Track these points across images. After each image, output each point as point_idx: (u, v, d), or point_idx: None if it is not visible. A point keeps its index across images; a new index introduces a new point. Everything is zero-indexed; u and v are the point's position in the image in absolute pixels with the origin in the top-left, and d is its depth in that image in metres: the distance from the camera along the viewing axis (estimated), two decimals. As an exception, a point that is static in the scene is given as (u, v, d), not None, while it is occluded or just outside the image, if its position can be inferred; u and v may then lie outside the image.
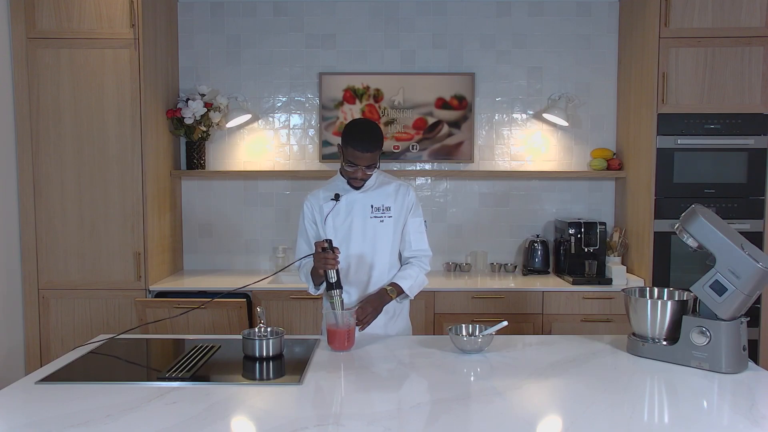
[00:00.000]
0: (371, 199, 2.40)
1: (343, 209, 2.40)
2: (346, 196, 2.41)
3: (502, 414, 1.60)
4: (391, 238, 2.41)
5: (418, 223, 2.45)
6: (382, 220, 2.39)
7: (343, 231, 2.40)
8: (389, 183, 2.44)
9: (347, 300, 2.37)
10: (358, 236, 2.40)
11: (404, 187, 2.44)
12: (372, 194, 2.41)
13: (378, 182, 2.44)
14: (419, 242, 2.44)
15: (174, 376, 1.85)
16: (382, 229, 2.40)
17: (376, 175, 2.44)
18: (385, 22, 3.93)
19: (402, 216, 2.42)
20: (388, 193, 2.42)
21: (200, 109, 3.69)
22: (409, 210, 2.43)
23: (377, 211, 2.39)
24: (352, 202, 2.40)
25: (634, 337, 2.10)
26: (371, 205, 2.40)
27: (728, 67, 3.40)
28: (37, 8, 3.30)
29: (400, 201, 2.41)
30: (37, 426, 1.52)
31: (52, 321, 3.42)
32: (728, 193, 3.46)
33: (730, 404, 1.68)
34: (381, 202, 2.40)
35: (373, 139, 2.28)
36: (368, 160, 2.27)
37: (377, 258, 2.41)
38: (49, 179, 3.38)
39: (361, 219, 2.40)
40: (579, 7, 3.92)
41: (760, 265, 1.87)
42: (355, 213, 2.40)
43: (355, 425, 1.51)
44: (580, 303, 3.43)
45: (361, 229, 2.40)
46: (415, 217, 2.44)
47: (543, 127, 3.97)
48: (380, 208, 2.40)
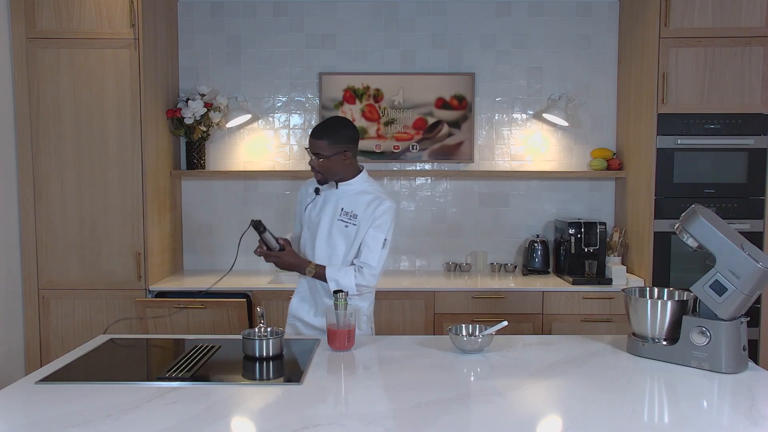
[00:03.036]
0: (344, 203, 2.43)
1: (319, 203, 2.49)
2: (325, 193, 2.48)
3: (502, 414, 1.60)
4: (351, 245, 2.42)
5: (376, 237, 2.38)
6: (347, 225, 2.41)
7: (313, 224, 2.49)
8: (368, 193, 2.43)
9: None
10: (322, 233, 2.45)
11: (378, 200, 2.40)
12: (347, 198, 2.43)
13: (359, 189, 2.44)
14: (367, 255, 2.38)
15: (174, 376, 1.85)
16: (343, 234, 2.42)
17: (362, 179, 2.46)
18: (385, 22, 3.93)
19: (365, 226, 2.40)
20: (362, 202, 2.41)
21: (200, 109, 3.69)
22: (372, 221, 2.39)
23: (345, 216, 2.41)
24: (328, 199, 2.47)
25: (634, 337, 2.10)
26: (342, 208, 2.42)
27: (728, 67, 3.40)
28: (37, 8, 3.30)
29: (369, 212, 2.39)
30: (37, 426, 1.52)
31: (52, 321, 3.42)
32: (728, 193, 3.46)
33: (730, 404, 1.68)
34: (351, 208, 2.41)
35: (322, 127, 2.37)
36: (313, 146, 2.36)
37: (333, 260, 2.43)
38: (49, 179, 3.37)
39: (329, 218, 2.44)
40: (579, 7, 3.92)
41: (760, 265, 1.87)
42: (326, 210, 2.46)
43: (355, 425, 1.51)
44: (580, 303, 3.43)
45: (327, 227, 2.44)
46: (375, 231, 2.38)
47: (543, 127, 3.97)
48: (349, 213, 2.41)
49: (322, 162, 2.36)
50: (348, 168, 2.42)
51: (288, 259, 2.39)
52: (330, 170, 2.39)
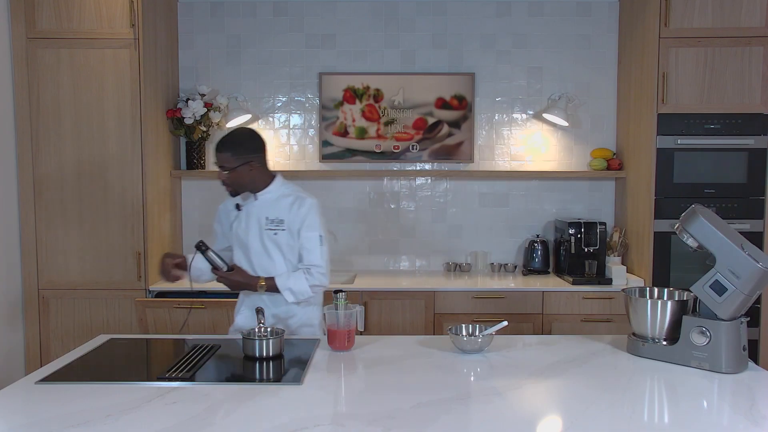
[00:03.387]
0: (267, 212, 2.42)
1: (243, 219, 2.45)
2: (246, 207, 2.45)
3: (502, 414, 1.60)
4: (285, 252, 2.42)
5: (311, 238, 2.40)
6: (276, 233, 2.40)
7: (242, 240, 2.45)
8: (288, 196, 2.44)
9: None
10: (255, 246, 2.43)
11: (300, 200, 2.42)
12: (268, 207, 2.42)
13: (278, 194, 2.44)
14: (310, 256, 2.40)
15: (174, 376, 1.85)
16: (276, 242, 2.41)
17: (279, 184, 2.45)
18: (385, 22, 3.93)
19: (294, 229, 2.40)
20: (285, 205, 2.41)
21: (200, 109, 3.69)
22: (301, 223, 2.39)
23: (271, 224, 2.41)
24: (250, 213, 2.44)
25: (634, 337, 2.10)
26: (266, 217, 2.41)
27: (728, 67, 3.40)
28: (37, 8, 3.30)
29: (293, 214, 2.40)
30: (37, 426, 1.52)
31: (52, 321, 3.42)
32: (728, 193, 3.46)
33: (730, 404, 1.68)
34: (276, 214, 2.41)
35: (225, 140, 2.35)
36: (219, 160, 2.34)
37: (274, 270, 2.42)
38: (49, 179, 3.38)
39: (257, 230, 2.42)
40: (579, 7, 3.92)
41: (760, 265, 1.87)
42: (251, 224, 2.43)
43: (355, 425, 1.51)
44: (580, 303, 3.43)
45: (258, 240, 2.42)
46: (308, 231, 2.39)
47: (543, 127, 3.97)
48: (274, 220, 2.40)
49: (229, 175, 2.34)
50: (258, 177, 2.40)
51: (237, 278, 2.37)
52: (238, 182, 2.37)
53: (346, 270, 3.95)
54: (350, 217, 4.00)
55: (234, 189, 2.40)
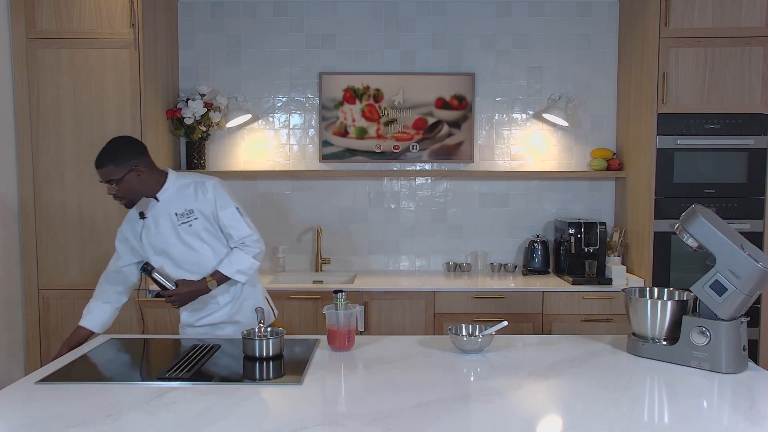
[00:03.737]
0: (173, 207, 2.37)
1: (151, 225, 2.38)
2: (151, 211, 2.38)
3: (502, 414, 1.60)
4: (207, 239, 2.39)
5: (230, 214, 2.39)
6: (190, 224, 2.36)
7: (158, 246, 2.39)
8: (188, 185, 2.39)
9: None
10: (175, 247, 2.38)
11: (201, 184, 2.39)
12: (172, 202, 2.37)
13: (177, 187, 2.39)
14: (238, 230, 2.40)
15: (174, 376, 1.85)
16: (194, 233, 2.37)
17: (174, 179, 2.39)
18: (385, 22, 3.93)
19: (208, 213, 2.38)
20: (188, 195, 2.37)
21: (200, 109, 3.69)
22: (213, 205, 2.38)
23: (182, 217, 2.36)
24: (157, 215, 2.38)
25: (634, 337, 2.10)
26: (175, 213, 2.37)
27: (728, 67, 3.40)
28: (37, 8, 3.31)
29: (201, 199, 2.37)
30: (37, 426, 1.52)
31: (52, 321, 3.42)
32: (728, 193, 3.46)
33: (730, 404, 1.68)
34: (183, 206, 2.36)
35: (102, 155, 2.27)
36: (102, 176, 2.26)
37: (203, 260, 2.40)
38: (49, 179, 3.37)
39: (170, 229, 2.37)
40: (579, 7, 3.92)
41: (760, 265, 1.87)
42: (162, 226, 2.37)
43: (355, 425, 1.51)
44: (580, 303, 3.43)
45: (175, 239, 2.38)
46: (224, 210, 2.38)
47: (543, 127, 3.97)
48: (184, 213, 2.36)
49: (119, 186, 2.27)
50: (150, 180, 2.34)
51: (185, 289, 2.34)
52: (131, 191, 2.30)
53: (346, 270, 3.95)
54: (350, 217, 4.00)
55: (129, 199, 2.32)
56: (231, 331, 2.49)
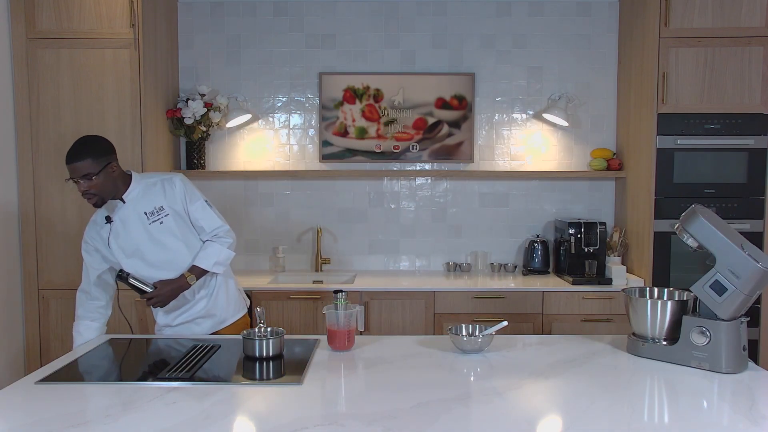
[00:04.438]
0: (142, 207, 2.37)
1: (120, 228, 2.37)
2: (117, 214, 2.37)
3: (502, 414, 1.60)
4: (179, 234, 2.39)
5: (200, 207, 2.42)
6: (161, 221, 2.36)
7: (130, 248, 2.37)
8: (154, 183, 2.40)
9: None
10: (147, 247, 2.37)
11: (168, 180, 2.40)
12: (140, 202, 2.37)
13: (143, 186, 2.39)
14: (210, 222, 2.43)
15: (174, 376, 1.85)
16: (166, 230, 2.37)
17: (138, 180, 2.39)
18: (385, 22, 3.93)
19: (179, 208, 2.39)
20: (156, 193, 2.38)
21: (200, 109, 3.69)
22: (183, 200, 2.39)
23: (152, 215, 2.36)
24: (125, 217, 2.37)
25: (634, 337, 2.10)
26: (144, 212, 2.36)
27: (728, 67, 3.40)
28: (37, 8, 3.30)
29: (170, 195, 2.38)
30: (37, 426, 1.52)
31: (52, 321, 3.42)
32: (728, 193, 3.46)
33: (730, 404, 1.68)
34: (152, 205, 2.37)
35: (74, 150, 2.25)
36: (80, 171, 2.23)
37: (177, 257, 2.40)
38: (49, 179, 3.37)
39: (141, 230, 2.36)
40: (579, 7, 3.92)
41: (760, 265, 1.87)
42: (132, 227, 2.36)
43: (355, 425, 1.51)
44: (580, 303, 3.43)
45: (147, 238, 2.37)
46: (194, 203, 2.41)
47: (543, 127, 3.97)
48: (153, 211, 2.36)
49: (94, 182, 2.25)
50: (120, 179, 2.35)
51: (165, 289, 2.34)
52: (104, 188, 2.29)
53: (346, 270, 3.95)
54: (350, 217, 4.00)
55: (100, 197, 2.30)
56: (208, 325, 2.50)
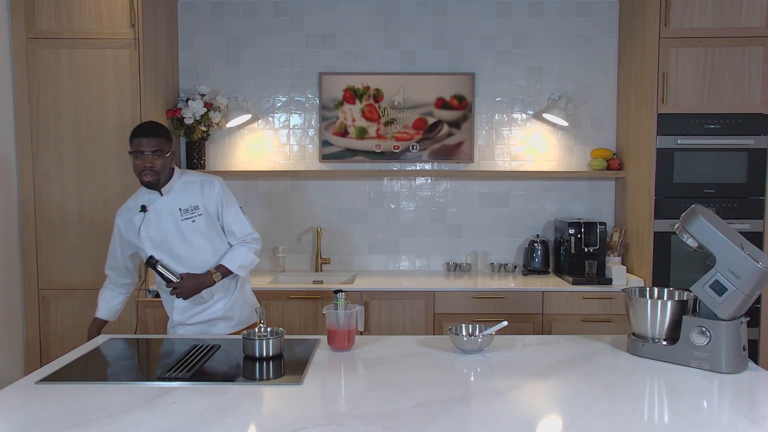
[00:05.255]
0: (178, 203, 2.44)
1: (153, 219, 2.43)
2: (153, 205, 2.44)
3: (502, 414, 1.60)
4: (207, 235, 2.45)
5: (234, 212, 2.50)
6: (193, 220, 2.43)
7: (158, 239, 2.43)
8: (193, 182, 2.48)
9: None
10: (175, 241, 2.43)
11: (208, 182, 2.48)
12: (177, 198, 2.45)
13: (182, 183, 2.47)
14: (242, 228, 2.50)
15: (174, 376, 1.85)
16: (196, 229, 2.44)
17: (178, 176, 2.48)
18: (385, 22, 3.93)
19: (212, 210, 2.47)
20: (194, 191, 2.46)
21: (200, 109, 3.69)
22: (220, 203, 2.48)
23: (186, 213, 2.43)
24: (160, 209, 2.43)
25: (634, 337, 2.10)
26: (179, 209, 2.43)
27: (728, 67, 3.40)
28: (37, 8, 3.31)
29: (207, 197, 2.46)
30: (37, 426, 1.52)
31: (52, 321, 3.42)
32: (728, 193, 3.46)
33: (730, 404, 1.68)
34: (188, 203, 2.44)
35: (151, 125, 2.41)
36: (152, 145, 2.34)
37: (201, 256, 2.45)
38: (49, 179, 3.38)
39: (172, 224, 2.43)
40: (579, 7, 3.92)
41: (760, 265, 1.87)
42: (165, 220, 2.43)
43: (355, 425, 1.51)
44: (580, 303, 3.43)
45: (176, 234, 2.43)
46: (229, 208, 2.49)
47: (543, 127, 3.97)
48: (188, 209, 2.43)
49: (160, 160, 2.36)
50: (170, 169, 2.46)
51: (190, 282, 2.39)
52: (163, 170, 2.39)
53: (346, 270, 3.95)
54: (350, 217, 4.00)
55: (156, 177, 2.38)
56: (223, 327, 2.52)
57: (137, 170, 2.38)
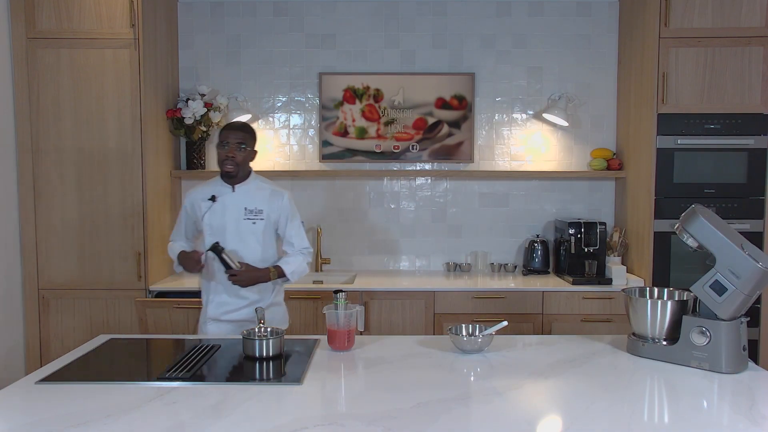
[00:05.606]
0: (245, 202, 2.58)
1: (218, 209, 2.58)
2: (222, 198, 2.58)
3: (502, 414, 1.60)
4: (262, 239, 2.59)
5: (297, 225, 2.67)
6: (254, 222, 2.57)
7: (217, 230, 2.57)
8: (264, 189, 2.63)
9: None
10: (231, 235, 2.56)
11: (278, 193, 2.63)
12: (246, 197, 2.59)
13: (254, 186, 2.62)
14: (300, 241, 2.66)
15: (174, 376, 1.85)
16: (253, 230, 2.58)
17: (253, 178, 2.63)
18: (385, 22, 3.93)
19: (275, 218, 2.62)
20: (263, 197, 2.60)
21: (200, 109, 3.69)
22: (285, 215, 2.63)
23: (250, 213, 2.57)
24: (227, 203, 2.58)
25: (634, 337, 2.10)
26: (245, 208, 2.58)
27: (728, 67, 3.40)
28: (37, 8, 3.30)
29: (274, 205, 2.60)
30: (37, 426, 1.52)
31: (52, 321, 3.42)
32: (728, 193, 3.46)
33: (730, 404, 1.68)
34: (254, 205, 2.58)
35: (240, 123, 2.63)
36: (237, 137, 2.51)
37: (249, 256, 2.57)
38: (49, 179, 3.37)
39: (234, 220, 2.57)
40: (579, 7, 3.92)
41: (760, 265, 1.87)
42: (229, 214, 2.57)
43: (355, 425, 1.51)
44: (580, 303, 3.43)
45: (235, 229, 2.57)
46: (293, 221, 2.65)
47: (543, 127, 3.97)
48: (253, 210, 2.58)
49: (243, 153, 2.53)
50: (248, 166, 2.62)
51: (250, 273, 2.50)
52: (244, 164, 2.56)
53: (346, 270, 3.95)
54: (350, 217, 4.00)
55: (237, 167, 2.53)
56: None
57: (220, 159, 2.53)
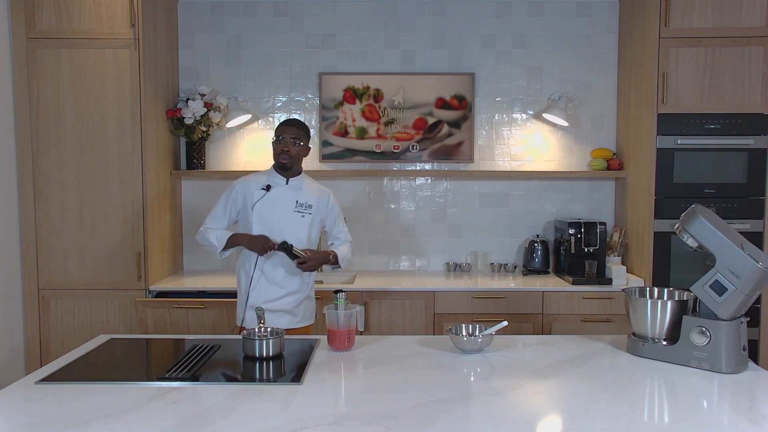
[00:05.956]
0: (297, 196, 2.71)
1: (271, 200, 2.69)
2: (275, 189, 2.69)
3: (502, 414, 1.60)
4: (308, 231, 2.73)
5: (343, 222, 2.88)
6: (303, 215, 2.71)
7: (268, 219, 2.67)
8: (313, 188, 2.78)
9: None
10: (278, 224, 2.67)
11: (324, 192, 2.80)
12: (298, 192, 2.72)
13: (304, 183, 2.76)
14: (346, 236, 2.87)
15: (174, 376, 1.85)
16: (301, 223, 2.70)
17: (303, 176, 2.77)
18: (385, 22, 3.93)
19: (323, 216, 2.79)
20: (312, 193, 2.76)
21: (200, 109, 3.69)
22: (333, 213, 2.82)
23: (300, 207, 2.71)
24: (280, 195, 2.70)
25: (634, 337, 2.10)
26: (296, 201, 2.71)
27: (728, 67, 3.40)
28: (37, 8, 3.30)
29: (322, 203, 2.77)
30: (37, 426, 1.52)
31: (52, 321, 3.42)
32: (728, 193, 3.46)
33: (730, 404, 1.68)
34: (305, 199, 2.72)
35: (295, 119, 2.77)
36: (292, 133, 2.66)
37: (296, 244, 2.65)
38: (49, 179, 3.37)
39: (285, 211, 2.69)
40: (579, 7, 3.92)
41: (760, 265, 1.87)
42: (280, 205, 2.69)
43: (355, 425, 1.51)
44: (580, 303, 3.43)
45: (284, 220, 2.68)
46: (340, 219, 2.86)
47: (543, 127, 3.97)
48: (304, 204, 2.72)
49: (297, 148, 2.66)
50: (301, 161, 2.74)
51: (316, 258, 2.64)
52: (297, 158, 2.69)
53: (346, 270, 3.95)
54: (350, 217, 3.99)
55: (291, 161, 2.66)
56: (287, 321, 2.66)
57: (276, 152, 2.66)
